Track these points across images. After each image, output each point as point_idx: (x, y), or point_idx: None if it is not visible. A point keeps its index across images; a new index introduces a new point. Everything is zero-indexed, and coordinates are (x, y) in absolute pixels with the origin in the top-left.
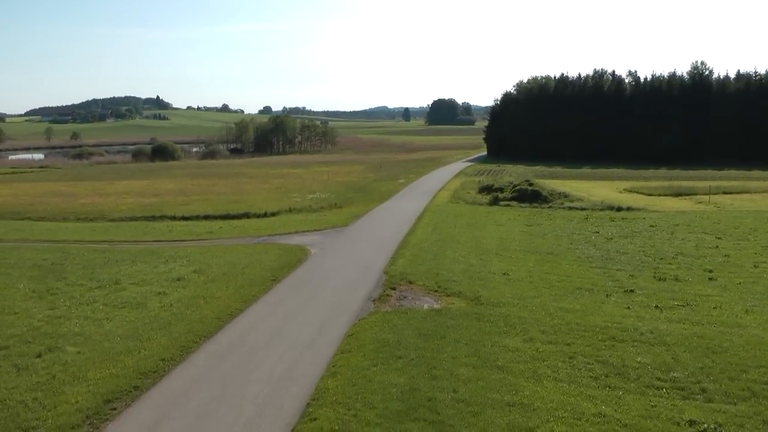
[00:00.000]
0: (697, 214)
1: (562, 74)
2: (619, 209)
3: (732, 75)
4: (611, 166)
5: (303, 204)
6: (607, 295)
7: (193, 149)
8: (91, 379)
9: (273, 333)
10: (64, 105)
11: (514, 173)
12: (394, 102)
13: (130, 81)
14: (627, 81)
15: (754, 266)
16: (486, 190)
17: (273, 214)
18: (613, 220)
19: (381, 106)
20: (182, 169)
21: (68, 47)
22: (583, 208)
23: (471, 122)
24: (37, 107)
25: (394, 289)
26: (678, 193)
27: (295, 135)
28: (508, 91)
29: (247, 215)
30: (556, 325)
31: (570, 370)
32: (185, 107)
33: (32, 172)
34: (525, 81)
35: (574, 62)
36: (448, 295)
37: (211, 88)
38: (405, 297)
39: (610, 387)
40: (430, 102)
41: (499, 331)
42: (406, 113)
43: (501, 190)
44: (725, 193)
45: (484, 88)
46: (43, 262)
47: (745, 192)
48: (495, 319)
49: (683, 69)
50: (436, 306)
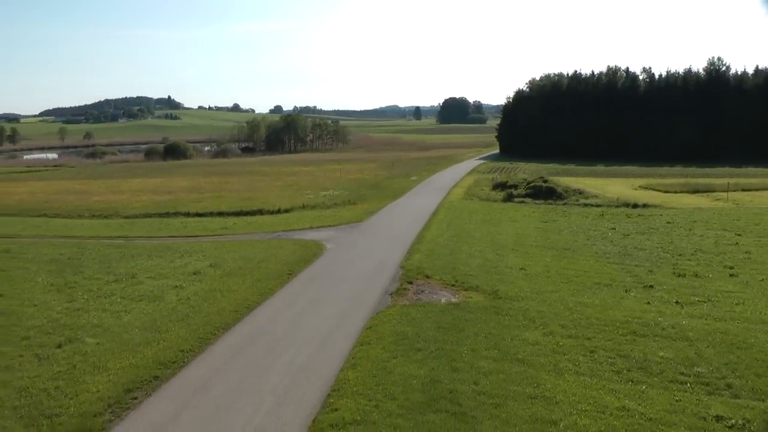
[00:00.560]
0: (715, 211)
1: (576, 71)
2: (635, 206)
3: (750, 71)
4: (625, 164)
5: (316, 201)
6: (626, 290)
7: (205, 148)
8: (111, 369)
9: (291, 325)
10: (77, 105)
11: (527, 170)
12: (404, 101)
13: (142, 81)
14: (641, 78)
15: None
16: (500, 186)
17: (286, 211)
18: (630, 217)
19: (392, 105)
20: (195, 167)
21: (81, 49)
22: (598, 205)
23: (482, 121)
24: (50, 108)
25: (410, 283)
26: (695, 190)
27: (307, 134)
28: (520, 88)
29: (260, 212)
30: (576, 319)
31: (591, 364)
32: (196, 107)
33: (47, 170)
34: (537, 78)
35: (588, 59)
36: (465, 289)
37: (222, 88)
38: (422, 291)
39: (632, 381)
40: (441, 101)
41: (518, 325)
42: (417, 112)
43: (515, 186)
44: (744, 190)
45: (495, 87)
46: (60, 256)
47: (765, 189)
48: (514, 312)
49: (699, 65)
50: (453, 300)
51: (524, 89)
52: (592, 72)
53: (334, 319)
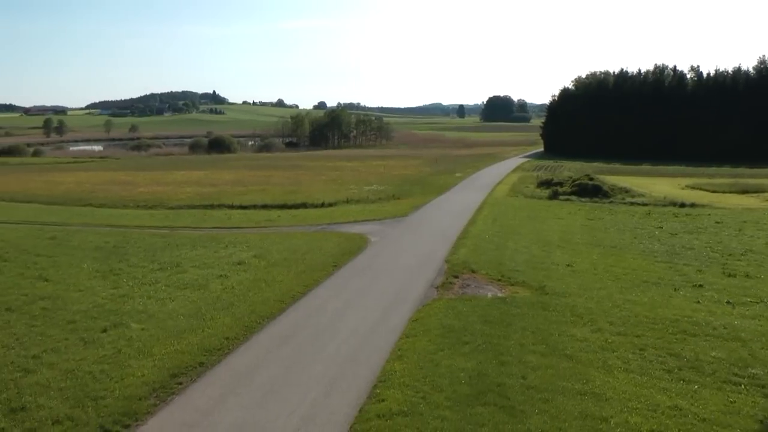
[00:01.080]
0: (765, 211)
1: (622, 69)
2: (683, 205)
3: None
4: (671, 163)
5: (360, 195)
6: (675, 289)
7: (249, 142)
8: (156, 354)
9: (336, 316)
10: (123, 99)
11: (572, 169)
12: (448, 99)
13: (188, 76)
14: (689, 76)
15: None
16: (545, 184)
17: (330, 205)
18: (677, 216)
19: (435, 103)
20: (238, 161)
21: (128, 44)
22: (644, 204)
23: (527, 120)
24: (97, 101)
25: (456, 277)
26: (744, 191)
27: (351, 129)
28: (565, 86)
29: (304, 205)
30: (624, 316)
31: (641, 362)
32: (241, 102)
33: (92, 161)
34: (583, 76)
35: (634, 57)
36: (511, 285)
37: (266, 84)
38: (468, 285)
39: (684, 380)
40: (485, 99)
41: (566, 321)
42: (460, 110)
43: (560, 184)
44: None
45: (539, 86)
46: (105, 244)
47: None
48: (561, 308)
49: (749, 63)
50: (500, 294)
51: (570, 87)
52: (639, 70)
53: (380, 311)
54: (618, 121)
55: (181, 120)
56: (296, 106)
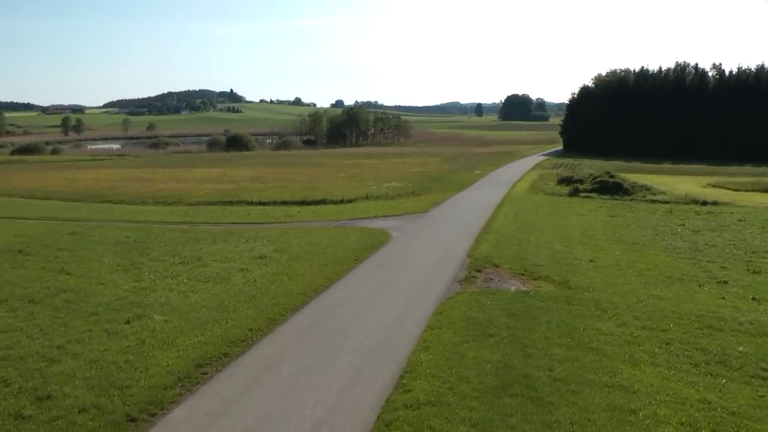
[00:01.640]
0: None
1: (642, 67)
2: (705, 203)
3: None
4: (692, 162)
5: (380, 192)
6: (699, 285)
7: (267, 140)
8: (180, 345)
9: (359, 309)
10: (140, 98)
11: (592, 166)
12: (466, 98)
13: (205, 75)
14: (711, 74)
15: None
16: (565, 181)
17: (350, 201)
18: (699, 214)
19: (453, 102)
20: (257, 158)
21: (145, 42)
22: (666, 201)
23: (545, 118)
24: (114, 100)
25: (479, 271)
26: (766, 189)
27: (369, 127)
28: (585, 84)
29: (323, 201)
30: (650, 311)
31: (668, 356)
32: (258, 100)
33: (111, 159)
34: (603, 74)
35: (655, 55)
36: (535, 279)
37: (284, 82)
38: (491, 279)
39: (711, 375)
40: (503, 98)
41: (590, 315)
42: (478, 109)
43: (581, 181)
44: None
45: (558, 84)
46: (126, 239)
47: None
48: (585, 303)
49: None
50: (523, 288)
51: (589, 85)
52: (660, 68)
53: (403, 304)
54: (638, 119)
55: (198, 118)
56: (313, 105)
